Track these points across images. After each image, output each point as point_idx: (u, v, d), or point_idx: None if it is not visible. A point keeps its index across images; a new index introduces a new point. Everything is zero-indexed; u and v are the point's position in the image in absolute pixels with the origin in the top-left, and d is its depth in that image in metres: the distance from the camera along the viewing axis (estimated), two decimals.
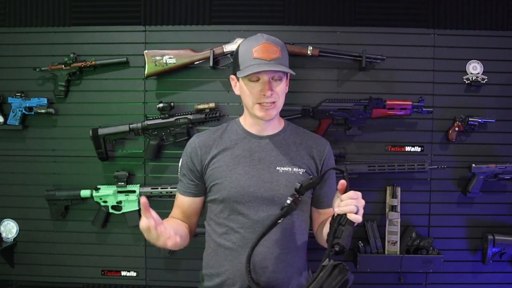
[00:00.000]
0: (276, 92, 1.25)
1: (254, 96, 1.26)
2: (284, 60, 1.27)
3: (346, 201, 1.07)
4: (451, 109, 1.92)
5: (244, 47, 1.27)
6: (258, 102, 1.26)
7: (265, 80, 1.24)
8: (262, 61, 1.22)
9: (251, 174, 1.28)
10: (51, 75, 1.94)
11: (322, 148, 1.38)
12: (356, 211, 1.06)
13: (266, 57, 1.22)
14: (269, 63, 1.22)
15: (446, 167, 1.89)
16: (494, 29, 1.92)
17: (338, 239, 1.05)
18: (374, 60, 1.86)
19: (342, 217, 1.07)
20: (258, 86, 1.25)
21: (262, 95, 1.24)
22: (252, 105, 1.27)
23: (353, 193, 1.08)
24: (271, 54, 1.23)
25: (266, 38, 1.26)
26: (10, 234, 2.01)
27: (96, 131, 1.87)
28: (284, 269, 1.28)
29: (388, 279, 1.94)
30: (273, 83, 1.25)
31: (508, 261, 1.94)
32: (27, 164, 2.00)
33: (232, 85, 1.37)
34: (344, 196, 1.08)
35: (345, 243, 1.04)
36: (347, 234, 1.05)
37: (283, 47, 1.29)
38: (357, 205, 1.06)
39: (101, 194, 1.91)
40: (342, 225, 1.06)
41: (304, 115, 1.87)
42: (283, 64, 1.25)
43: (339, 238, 1.05)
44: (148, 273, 2.01)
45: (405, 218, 1.91)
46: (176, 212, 1.40)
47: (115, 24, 1.96)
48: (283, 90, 1.29)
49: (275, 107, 1.27)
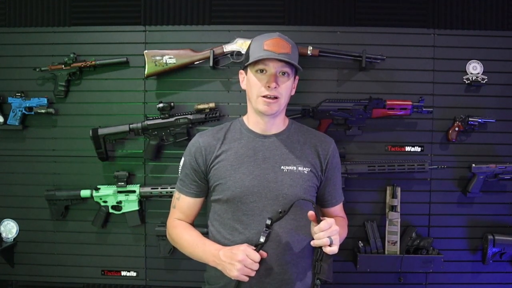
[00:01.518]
0: (280, 87, 1.26)
1: (259, 88, 1.26)
2: (293, 57, 1.27)
3: (318, 234, 1.11)
4: (451, 109, 1.92)
5: (257, 41, 1.29)
6: (262, 95, 1.26)
7: (272, 72, 1.25)
8: (272, 53, 1.23)
9: (255, 174, 1.28)
10: (51, 75, 1.94)
11: (327, 146, 1.37)
12: (330, 243, 1.09)
13: (276, 50, 1.24)
14: (278, 55, 1.23)
15: (446, 167, 1.89)
16: (494, 29, 1.92)
17: (318, 274, 1.10)
18: (374, 60, 1.86)
19: (319, 252, 1.12)
20: (264, 78, 1.25)
21: (267, 86, 1.24)
22: (256, 98, 1.28)
23: (324, 224, 1.11)
24: (281, 48, 1.24)
25: (279, 35, 1.28)
26: (10, 234, 2.01)
27: (96, 131, 1.87)
28: (289, 269, 1.28)
29: (388, 279, 1.94)
30: (279, 78, 1.26)
31: (508, 261, 1.94)
32: (27, 164, 2.00)
33: (240, 79, 1.37)
34: (316, 229, 1.12)
35: (326, 277, 1.09)
36: (326, 268, 1.10)
37: (295, 47, 1.30)
38: (330, 235, 1.10)
39: (101, 194, 1.91)
40: (319, 260, 1.11)
41: (304, 115, 1.87)
42: (293, 61, 1.26)
43: (318, 273, 1.10)
44: (148, 273, 2.01)
45: (405, 218, 1.91)
46: (178, 213, 1.39)
47: (115, 24, 1.96)
48: (288, 88, 1.29)
49: (277, 103, 1.27)
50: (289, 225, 1.27)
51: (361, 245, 1.87)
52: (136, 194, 1.91)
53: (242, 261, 1.14)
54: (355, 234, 1.91)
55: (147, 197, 1.93)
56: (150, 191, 1.91)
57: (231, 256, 1.16)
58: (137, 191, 1.91)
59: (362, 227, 1.91)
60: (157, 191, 1.90)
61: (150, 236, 1.97)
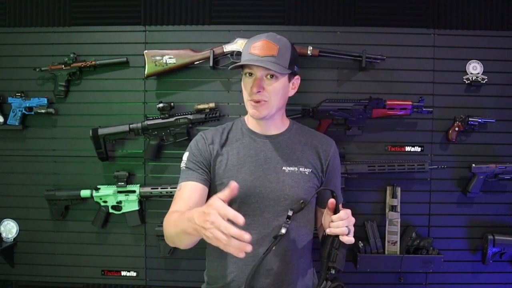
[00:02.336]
0: (267, 91, 1.24)
1: (246, 91, 1.26)
2: (281, 59, 1.23)
3: (337, 223, 1.08)
4: (451, 109, 1.92)
5: (248, 43, 1.27)
6: (250, 98, 1.25)
7: (257, 76, 1.24)
8: (255, 56, 1.22)
9: (257, 175, 1.27)
10: (51, 75, 1.94)
11: (328, 147, 1.37)
12: (348, 232, 1.07)
13: (260, 53, 1.21)
14: (261, 59, 1.21)
15: (446, 167, 1.89)
16: (494, 29, 1.92)
17: (333, 263, 1.07)
18: (374, 60, 1.86)
19: (335, 240, 1.09)
20: (250, 82, 1.25)
21: (251, 91, 1.24)
22: (246, 101, 1.28)
23: (344, 213, 1.09)
24: (266, 51, 1.21)
25: (267, 36, 1.24)
26: (10, 234, 2.01)
27: (96, 131, 1.87)
28: (290, 270, 1.28)
29: (388, 279, 1.94)
30: (265, 81, 1.24)
31: (508, 261, 1.94)
32: (27, 164, 2.00)
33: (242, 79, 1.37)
34: (335, 217, 1.09)
35: (340, 266, 1.07)
36: (341, 257, 1.08)
37: (285, 46, 1.25)
38: (348, 225, 1.08)
39: (101, 194, 1.91)
40: (336, 248, 1.08)
41: (304, 115, 1.87)
42: (278, 63, 1.22)
43: (334, 262, 1.07)
44: (148, 273, 2.01)
45: (405, 218, 1.91)
46: (182, 205, 1.23)
47: (115, 24, 1.96)
48: (277, 90, 1.25)
49: (265, 106, 1.25)
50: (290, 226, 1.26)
51: (361, 245, 1.87)
52: (136, 194, 1.91)
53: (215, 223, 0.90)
54: (355, 234, 1.90)
55: (147, 197, 1.93)
56: (150, 191, 1.91)
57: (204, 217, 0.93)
58: (137, 191, 1.91)
59: (362, 227, 1.91)
60: (157, 191, 1.90)
61: (150, 236, 1.97)
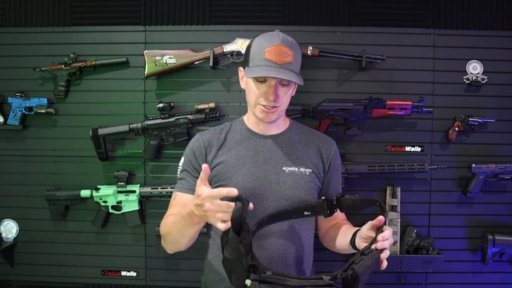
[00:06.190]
0: (280, 98, 1.22)
1: (258, 96, 1.23)
2: (295, 65, 1.22)
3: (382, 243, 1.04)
4: (451, 109, 1.92)
5: (258, 44, 1.22)
6: (261, 103, 1.23)
7: (272, 84, 1.20)
8: (272, 63, 1.18)
9: (256, 175, 1.26)
10: (51, 75, 1.94)
11: (329, 147, 1.36)
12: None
13: (277, 60, 1.18)
14: (279, 67, 1.18)
15: (446, 167, 1.89)
16: (494, 29, 1.91)
17: (355, 264, 1.00)
18: (374, 60, 1.86)
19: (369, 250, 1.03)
20: (263, 88, 1.22)
21: (266, 97, 1.21)
22: (254, 105, 1.25)
23: (388, 233, 1.05)
24: (283, 57, 1.18)
25: (282, 40, 1.20)
26: (10, 234, 2.01)
27: (96, 131, 1.87)
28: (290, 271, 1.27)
29: (388, 279, 1.94)
30: (279, 88, 1.22)
31: (508, 261, 1.94)
32: (27, 164, 2.00)
33: (239, 77, 1.34)
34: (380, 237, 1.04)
35: (361, 271, 0.98)
36: (365, 264, 1.00)
37: (298, 51, 1.24)
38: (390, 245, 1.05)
39: (101, 194, 1.91)
40: (365, 254, 1.03)
41: (304, 115, 1.86)
42: (293, 71, 1.20)
43: (357, 264, 1.00)
44: (148, 273, 2.00)
45: (405, 218, 1.91)
46: (177, 211, 1.32)
47: (115, 24, 1.95)
48: (288, 95, 1.26)
49: (276, 111, 1.25)
50: (290, 227, 1.26)
51: None
52: (136, 194, 1.91)
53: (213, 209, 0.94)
54: None
55: (147, 197, 1.93)
56: (150, 191, 1.91)
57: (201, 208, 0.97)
58: (137, 191, 1.91)
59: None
60: (157, 191, 1.90)
61: (150, 236, 1.97)
